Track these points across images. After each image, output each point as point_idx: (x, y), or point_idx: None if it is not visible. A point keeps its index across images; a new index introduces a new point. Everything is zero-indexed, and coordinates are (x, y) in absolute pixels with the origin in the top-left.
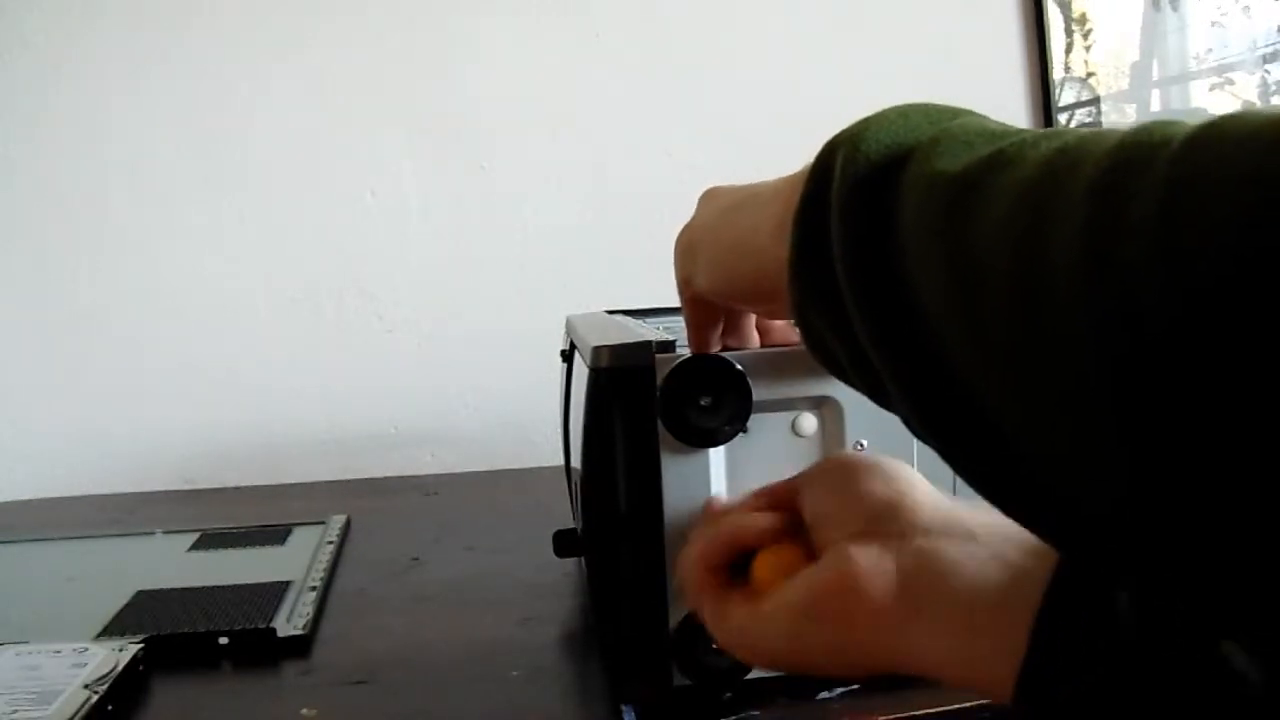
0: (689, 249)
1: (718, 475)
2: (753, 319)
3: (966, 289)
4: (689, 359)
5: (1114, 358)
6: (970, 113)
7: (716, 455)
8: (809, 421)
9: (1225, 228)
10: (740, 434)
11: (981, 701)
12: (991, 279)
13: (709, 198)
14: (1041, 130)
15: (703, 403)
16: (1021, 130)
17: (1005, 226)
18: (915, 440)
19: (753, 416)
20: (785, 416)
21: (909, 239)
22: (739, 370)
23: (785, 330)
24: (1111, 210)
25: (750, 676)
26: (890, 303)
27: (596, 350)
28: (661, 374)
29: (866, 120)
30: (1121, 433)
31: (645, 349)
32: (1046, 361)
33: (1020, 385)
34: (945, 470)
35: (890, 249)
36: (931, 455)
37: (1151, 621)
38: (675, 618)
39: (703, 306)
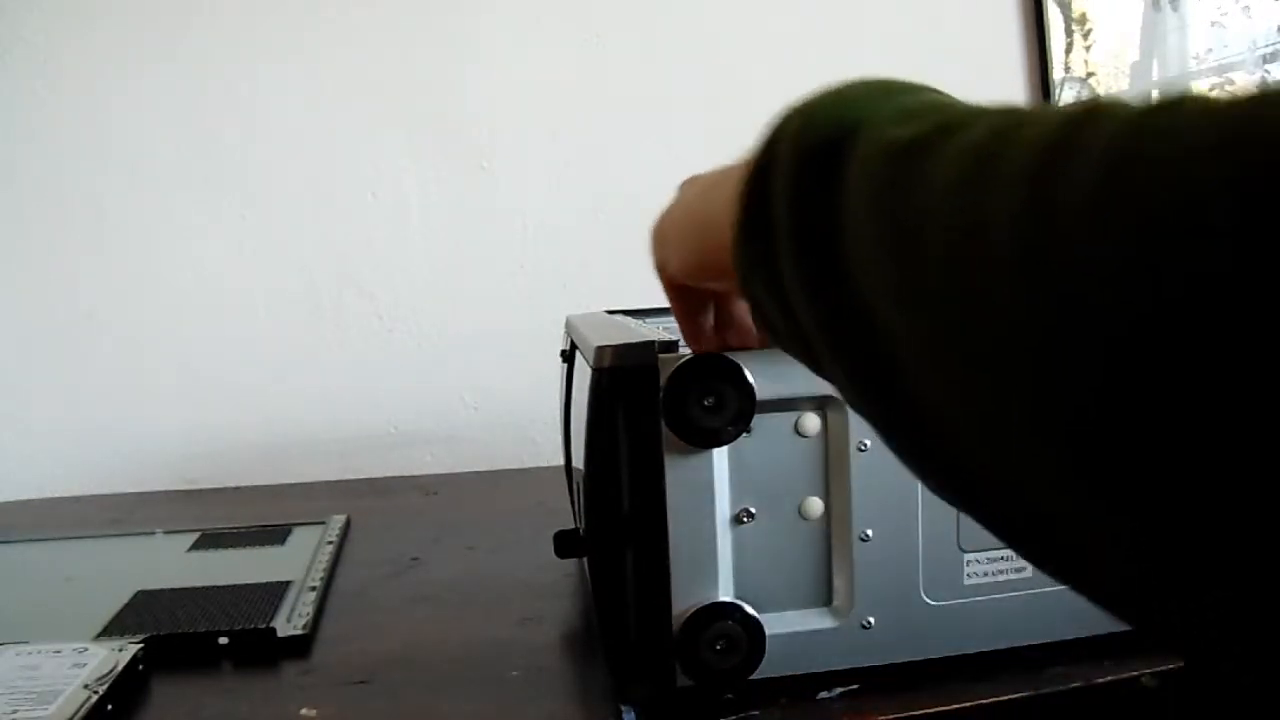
0: (662, 235)
1: (721, 475)
2: (744, 308)
3: (902, 250)
4: (692, 359)
5: (1043, 326)
6: (926, 88)
7: (720, 455)
8: (812, 421)
9: (1164, 199)
10: (743, 434)
11: (981, 701)
12: (928, 238)
13: (686, 185)
14: (992, 104)
15: (706, 403)
16: (973, 104)
17: (946, 189)
18: None
19: (756, 416)
20: (788, 416)
21: (852, 202)
22: (742, 370)
23: None
24: (1052, 173)
25: (752, 677)
26: (828, 268)
27: (600, 350)
28: (665, 374)
29: (820, 92)
30: (1038, 400)
31: (648, 349)
32: (973, 323)
33: (946, 348)
34: None
35: (833, 215)
36: None
37: None
38: (678, 618)
39: (682, 293)
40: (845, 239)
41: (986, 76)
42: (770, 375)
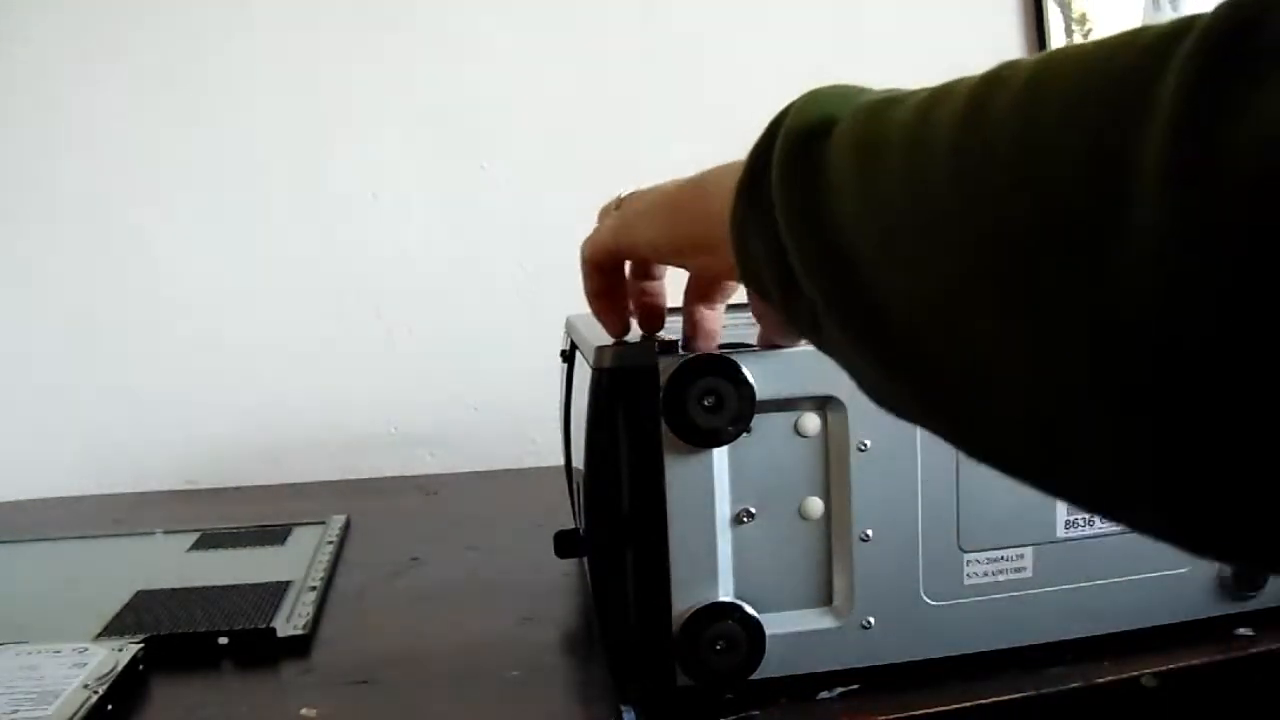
0: (626, 220)
1: (721, 475)
2: (657, 290)
3: (867, 175)
4: (693, 359)
5: (979, 209)
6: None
7: (720, 455)
8: (812, 421)
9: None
10: (744, 434)
11: (981, 701)
12: (886, 159)
13: (630, 199)
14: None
15: (706, 403)
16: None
17: (903, 123)
18: (918, 438)
19: (756, 416)
20: (788, 416)
21: (835, 150)
22: (742, 370)
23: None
24: (983, 95)
25: (752, 677)
26: (811, 210)
27: (600, 351)
28: (665, 374)
29: (818, 88)
30: (997, 290)
31: (648, 349)
32: (917, 219)
33: (896, 243)
34: (948, 464)
35: (819, 165)
36: (934, 448)
37: None
38: (678, 618)
39: (606, 272)
40: (828, 185)
41: None
42: (770, 375)
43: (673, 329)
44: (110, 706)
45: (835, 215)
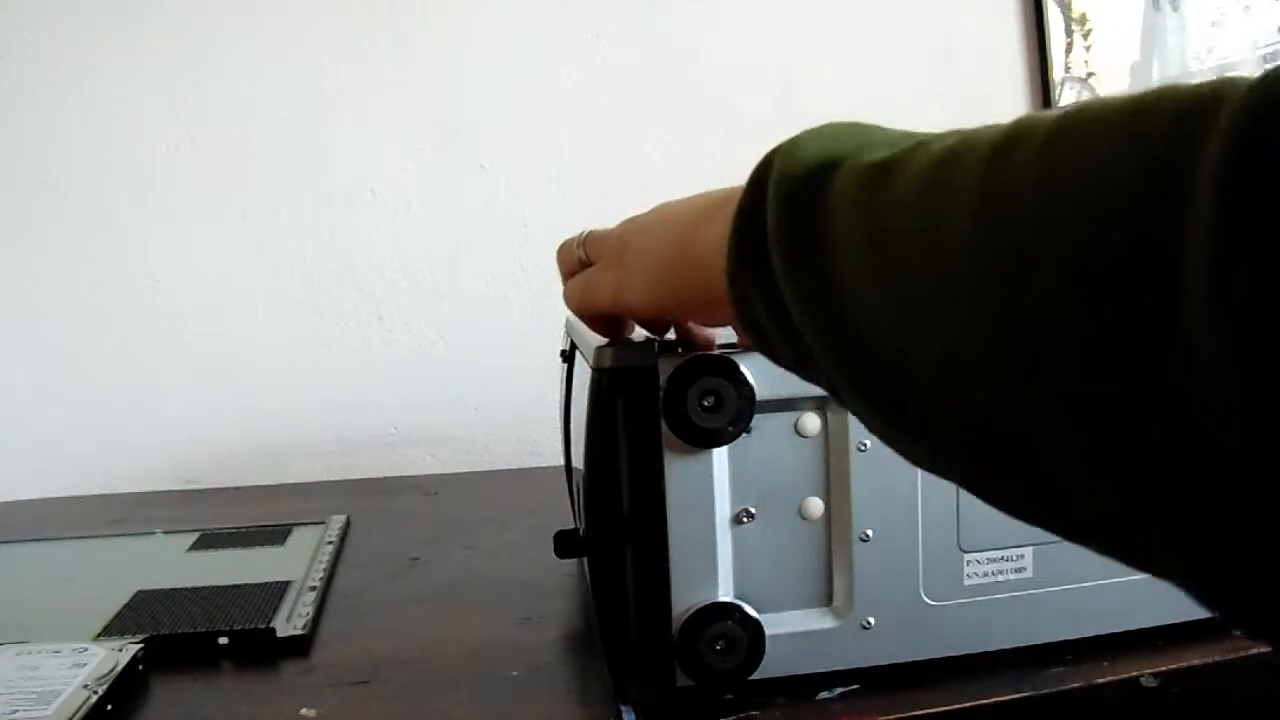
0: (619, 287)
1: (721, 475)
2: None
3: (877, 245)
4: (693, 359)
5: (1001, 280)
6: (890, 130)
7: (720, 455)
8: (812, 421)
9: (1087, 168)
10: (743, 434)
11: (981, 701)
12: (901, 225)
13: (660, 210)
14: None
15: (706, 403)
16: (934, 134)
17: (915, 182)
18: None
19: (756, 416)
20: (788, 417)
21: (836, 212)
22: (742, 370)
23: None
24: (1002, 159)
25: (752, 677)
26: (817, 274)
27: (600, 351)
28: (665, 374)
29: (801, 133)
30: (998, 332)
31: (648, 349)
32: (938, 297)
33: (917, 320)
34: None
35: (820, 227)
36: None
37: None
38: (678, 618)
39: (606, 322)
40: (831, 239)
41: (986, 76)
42: (770, 375)
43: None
44: (110, 706)
45: (851, 310)
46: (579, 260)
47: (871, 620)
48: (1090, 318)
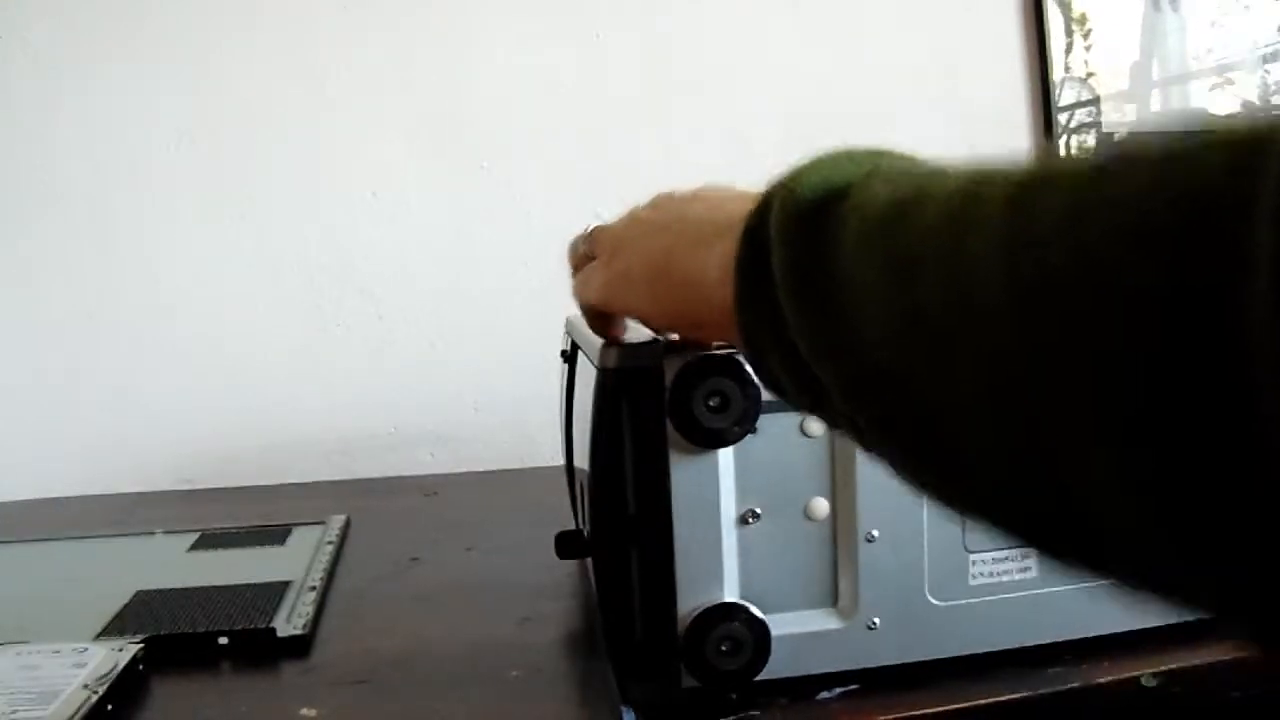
0: (627, 279)
1: (726, 476)
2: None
3: (900, 280)
4: (698, 358)
5: (1031, 329)
6: (893, 153)
7: (725, 456)
8: (817, 422)
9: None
10: (749, 434)
11: (981, 701)
12: (923, 269)
13: (661, 201)
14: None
15: (711, 403)
16: (942, 164)
17: (934, 226)
18: None
19: (761, 416)
20: (794, 417)
21: (851, 252)
22: (748, 370)
23: None
24: (1025, 213)
25: (757, 678)
26: (829, 313)
27: (605, 350)
28: (670, 374)
29: (801, 165)
30: (1030, 372)
31: (654, 349)
32: (969, 334)
33: (946, 359)
34: None
35: (830, 267)
36: None
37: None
38: (684, 619)
39: (605, 319)
40: (844, 288)
41: (987, 76)
42: None
43: None
44: (110, 706)
45: (859, 324)
46: (583, 255)
47: (877, 620)
48: (1142, 351)
